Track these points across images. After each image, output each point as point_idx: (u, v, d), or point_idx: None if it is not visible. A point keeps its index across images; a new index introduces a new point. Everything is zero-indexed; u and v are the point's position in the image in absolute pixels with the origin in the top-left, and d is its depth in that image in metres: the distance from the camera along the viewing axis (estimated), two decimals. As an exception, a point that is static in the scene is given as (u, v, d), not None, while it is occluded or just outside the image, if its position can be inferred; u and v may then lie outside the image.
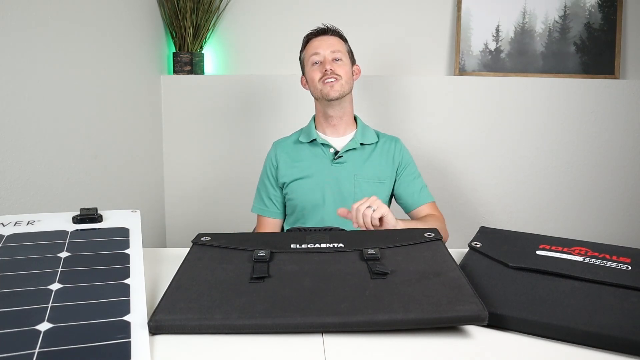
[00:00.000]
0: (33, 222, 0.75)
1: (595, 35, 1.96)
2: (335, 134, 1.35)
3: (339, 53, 1.30)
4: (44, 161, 1.17)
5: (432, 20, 2.01)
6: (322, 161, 1.32)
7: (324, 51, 1.29)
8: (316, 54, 1.30)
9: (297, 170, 1.32)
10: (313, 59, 1.31)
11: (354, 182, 1.29)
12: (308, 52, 1.33)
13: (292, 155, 1.34)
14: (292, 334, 0.57)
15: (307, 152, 1.34)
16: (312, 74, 1.30)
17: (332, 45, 1.30)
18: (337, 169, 1.30)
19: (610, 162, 1.95)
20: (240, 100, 1.95)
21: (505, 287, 0.66)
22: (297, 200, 1.31)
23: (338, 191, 1.29)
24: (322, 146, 1.33)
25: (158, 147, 1.95)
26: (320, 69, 1.29)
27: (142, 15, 1.75)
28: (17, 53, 1.07)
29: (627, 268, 0.69)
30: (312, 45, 1.32)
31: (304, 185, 1.30)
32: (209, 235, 0.79)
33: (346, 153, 1.31)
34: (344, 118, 1.34)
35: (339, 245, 0.75)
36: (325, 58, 1.29)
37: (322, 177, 1.30)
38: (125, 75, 1.62)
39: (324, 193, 1.29)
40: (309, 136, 1.34)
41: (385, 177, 1.31)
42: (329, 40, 1.31)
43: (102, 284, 0.61)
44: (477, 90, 1.93)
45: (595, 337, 0.55)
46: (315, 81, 1.29)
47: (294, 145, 1.37)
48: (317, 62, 1.30)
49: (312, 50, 1.31)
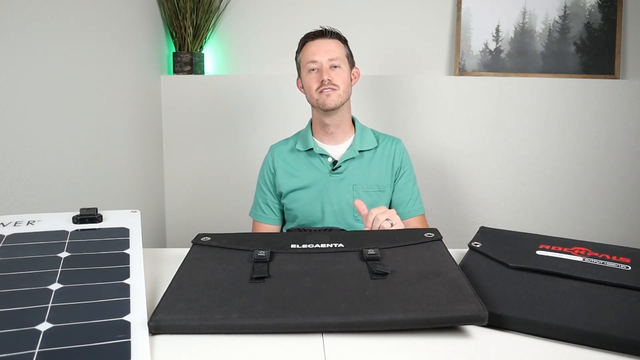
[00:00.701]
0: (33, 222, 0.75)
1: (595, 35, 1.96)
2: (332, 142, 1.31)
3: (337, 60, 1.24)
4: (44, 161, 1.17)
5: (432, 20, 2.01)
6: (320, 172, 1.28)
7: (322, 58, 1.23)
8: (313, 62, 1.24)
9: (295, 180, 1.30)
10: (310, 66, 1.25)
11: (353, 193, 1.26)
12: (305, 57, 1.27)
13: (290, 165, 1.32)
14: (292, 334, 0.57)
15: (305, 162, 1.30)
16: (309, 82, 1.26)
17: (330, 52, 1.24)
18: (335, 179, 1.27)
19: (610, 162, 1.95)
20: (240, 101, 1.95)
21: (505, 287, 0.66)
22: (296, 211, 1.29)
23: (337, 202, 1.27)
24: (320, 156, 1.29)
25: (158, 147, 1.95)
26: (317, 77, 1.24)
27: (142, 15, 1.75)
28: (17, 53, 1.07)
29: (627, 268, 0.69)
30: (309, 50, 1.26)
31: (302, 197, 1.28)
32: (209, 236, 0.79)
33: (345, 163, 1.28)
34: (342, 126, 1.30)
35: (339, 246, 0.75)
36: (322, 66, 1.23)
37: (320, 189, 1.27)
38: (125, 75, 1.62)
39: (322, 204, 1.27)
40: (306, 144, 1.31)
41: (385, 185, 1.28)
42: (327, 45, 1.25)
43: (102, 284, 0.61)
44: (477, 90, 1.93)
45: (595, 337, 0.55)
46: (312, 90, 1.25)
47: (291, 153, 1.33)
48: (314, 69, 1.25)
49: (309, 56, 1.25)
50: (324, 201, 1.27)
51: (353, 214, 1.27)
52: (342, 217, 1.26)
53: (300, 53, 1.30)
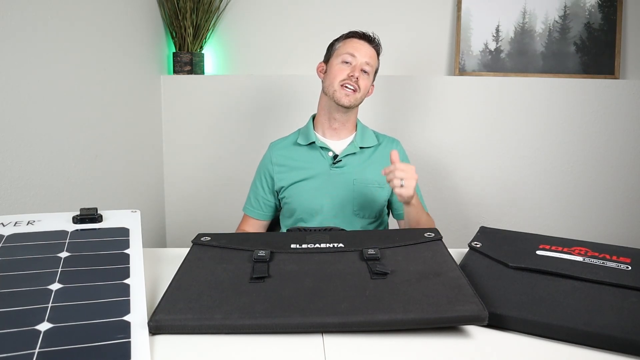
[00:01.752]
0: (33, 222, 0.75)
1: (595, 35, 1.96)
2: (335, 137, 1.33)
3: (369, 67, 1.27)
4: (44, 161, 1.17)
5: (432, 20, 2.01)
6: (321, 165, 1.30)
7: (360, 57, 1.26)
8: (352, 55, 1.26)
9: (295, 173, 1.30)
10: (345, 58, 1.26)
11: (353, 187, 1.27)
12: (345, 47, 1.28)
13: (290, 158, 1.32)
14: (292, 334, 0.57)
15: (306, 155, 1.32)
16: (337, 71, 1.26)
17: (369, 57, 1.27)
18: (335, 173, 1.29)
19: (610, 162, 1.95)
20: (240, 100, 1.95)
21: (505, 287, 0.66)
22: (295, 204, 1.30)
23: (337, 196, 1.27)
24: (321, 149, 1.30)
25: (158, 147, 1.95)
26: (347, 70, 1.25)
27: (142, 15, 1.75)
28: (17, 53, 1.07)
29: (627, 268, 0.69)
30: (352, 44, 1.27)
31: (302, 189, 1.29)
32: (209, 235, 0.79)
33: (345, 157, 1.29)
34: (347, 125, 1.32)
35: (339, 245, 0.75)
36: (357, 63, 1.25)
37: (320, 181, 1.28)
38: (125, 75, 1.62)
39: (322, 197, 1.28)
40: (307, 138, 1.32)
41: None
42: (370, 50, 1.28)
43: (102, 284, 0.61)
44: (477, 90, 1.93)
45: (595, 337, 0.55)
46: (337, 79, 1.25)
47: (291, 147, 1.34)
48: (348, 62, 1.26)
49: (350, 48, 1.27)
50: (324, 194, 1.28)
51: (352, 208, 1.27)
52: (342, 211, 1.27)
53: (342, 42, 1.30)
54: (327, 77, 1.30)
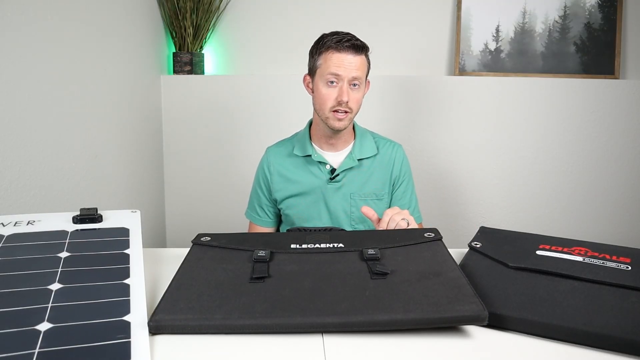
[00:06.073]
0: (33, 222, 0.75)
1: (595, 35, 1.96)
2: (332, 149, 1.28)
3: (358, 80, 1.17)
4: (44, 161, 1.17)
5: (432, 20, 2.01)
6: (318, 179, 1.26)
7: (346, 74, 1.14)
8: (335, 75, 1.15)
9: (292, 187, 1.28)
10: (329, 78, 1.16)
11: (351, 201, 1.26)
12: (326, 67, 1.16)
13: (286, 170, 1.29)
14: (292, 334, 0.57)
15: (302, 168, 1.28)
16: (325, 96, 1.17)
17: (355, 70, 1.15)
18: (333, 188, 1.26)
19: (610, 162, 1.95)
20: (240, 101, 1.95)
21: (505, 287, 0.66)
22: (293, 217, 1.29)
23: (334, 210, 1.26)
24: (318, 164, 1.27)
25: (158, 147, 1.95)
26: (335, 94, 1.16)
27: (142, 15, 1.75)
28: (17, 53, 1.07)
29: (627, 268, 0.69)
30: (334, 62, 1.15)
31: (299, 204, 1.28)
32: (209, 236, 0.79)
33: (343, 172, 1.26)
34: (344, 136, 1.27)
35: (339, 245, 0.75)
36: (344, 85, 1.15)
37: (317, 196, 1.26)
38: (125, 75, 1.62)
39: (319, 212, 1.27)
40: (304, 150, 1.27)
41: (383, 194, 1.28)
42: (354, 60, 1.15)
43: (102, 284, 0.61)
44: (477, 90, 1.93)
45: (595, 337, 0.55)
46: (326, 106, 1.18)
47: (288, 158, 1.30)
48: (334, 83, 1.16)
49: (332, 67, 1.15)
50: (321, 209, 1.27)
51: (350, 221, 1.27)
52: (339, 225, 1.27)
53: (322, 58, 1.18)
54: (315, 98, 1.22)
